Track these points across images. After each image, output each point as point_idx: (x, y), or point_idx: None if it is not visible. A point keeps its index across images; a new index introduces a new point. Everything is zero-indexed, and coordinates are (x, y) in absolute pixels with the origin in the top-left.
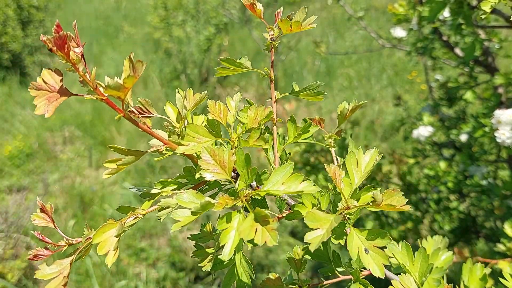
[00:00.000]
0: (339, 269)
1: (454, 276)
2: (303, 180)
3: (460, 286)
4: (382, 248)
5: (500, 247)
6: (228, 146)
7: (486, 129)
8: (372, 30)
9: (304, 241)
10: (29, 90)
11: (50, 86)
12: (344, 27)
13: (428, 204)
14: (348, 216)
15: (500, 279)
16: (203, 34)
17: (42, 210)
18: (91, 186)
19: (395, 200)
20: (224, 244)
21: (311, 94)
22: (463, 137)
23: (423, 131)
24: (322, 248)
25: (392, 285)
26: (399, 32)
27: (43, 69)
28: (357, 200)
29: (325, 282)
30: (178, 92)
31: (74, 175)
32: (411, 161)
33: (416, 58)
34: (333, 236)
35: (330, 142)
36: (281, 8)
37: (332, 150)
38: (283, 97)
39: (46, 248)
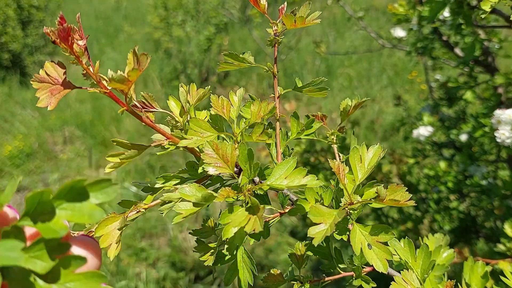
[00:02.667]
0: (341, 266)
1: (454, 276)
2: (306, 175)
3: (462, 284)
4: (385, 243)
5: (500, 247)
6: (231, 141)
7: (486, 129)
8: (372, 30)
9: (308, 235)
10: (31, 82)
11: (53, 79)
12: (344, 27)
13: (428, 204)
14: (351, 211)
15: (502, 277)
16: (203, 34)
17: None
18: None
19: (398, 195)
20: (227, 239)
21: (314, 90)
22: (463, 137)
23: (423, 131)
24: (324, 244)
25: (394, 282)
26: (399, 32)
27: (46, 61)
28: (361, 196)
29: (326, 279)
30: (182, 86)
31: (74, 175)
32: (411, 161)
33: (416, 58)
34: (336, 232)
35: (333, 139)
36: (285, 3)
37: (334, 147)
38: (284, 97)
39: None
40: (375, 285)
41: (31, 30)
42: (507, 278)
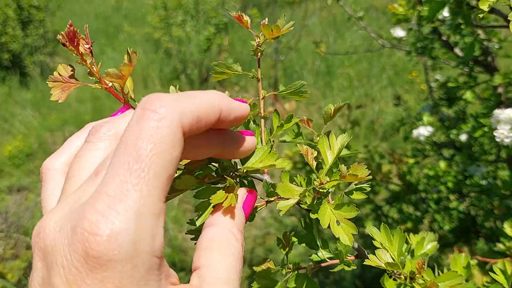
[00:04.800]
0: (327, 255)
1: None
2: (277, 159)
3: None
4: (351, 219)
5: (500, 246)
6: None
7: (486, 129)
8: (372, 30)
9: (277, 207)
10: (47, 82)
11: (64, 78)
12: (344, 27)
13: (428, 204)
14: (321, 190)
15: (491, 273)
16: (203, 34)
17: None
18: None
19: (358, 171)
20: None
21: (293, 94)
22: (463, 137)
23: (423, 131)
24: (310, 235)
25: (368, 259)
26: (399, 32)
27: (59, 64)
28: (329, 177)
29: (313, 266)
30: (172, 86)
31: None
32: (411, 161)
33: (416, 58)
34: (311, 212)
35: (318, 140)
36: (266, 19)
37: (316, 151)
38: (283, 97)
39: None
40: (355, 267)
41: (31, 30)
42: (496, 274)
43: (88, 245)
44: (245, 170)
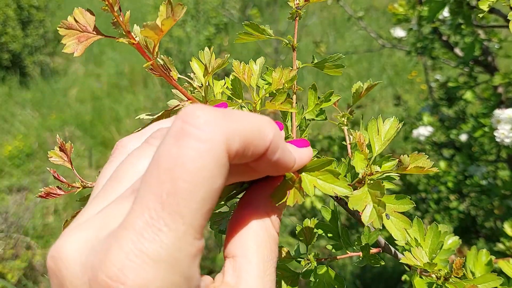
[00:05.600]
0: (348, 246)
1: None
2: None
3: (466, 271)
4: (403, 213)
5: (500, 246)
6: (249, 107)
7: (486, 129)
8: (372, 30)
9: (361, 220)
10: (58, 28)
11: (81, 26)
12: (344, 27)
13: (428, 204)
14: (370, 182)
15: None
16: (203, 34)
17: (61, 149)
18: None
19: (421, 162)
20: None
21: (331, 67)
22: (463, 137)
23: (423, 131)
24: (331, 224)
25: (404, 257)
26: (399, 32)
27: (75, 8)
28: (380, 167)
29: (334, 257)
30: (204, 50)
31: (74, 175)
32: None
33: (416, 58)
34: (349, 202)
35: (344, 121)
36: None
37: (345, 128)
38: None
39: (59, 188)
40: (383, 263)
41: (31, 30)
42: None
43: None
44: None
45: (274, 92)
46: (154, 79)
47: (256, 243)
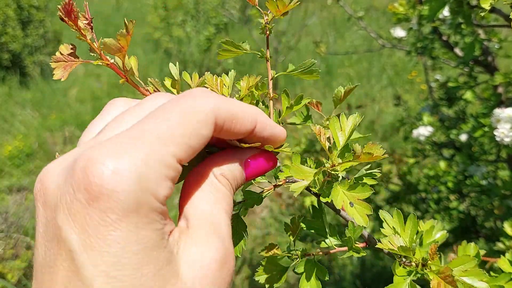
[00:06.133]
0: (335, 242)
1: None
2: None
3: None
4: (366, 200)
5: (500, 245)
6: None
7: (486, 128)
8: (372, 30)
9: (290, 189)
10: (50, 63)
11: (65, 57)
12: (344, 27)
13: (428, 204)
14: (333, 172)
15: (502, 257)
16: (203, 34)
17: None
18: None
19: (373, 150)
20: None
21: (304, 73)
22: (463, 137)
23: (423, 131)
24: (318, 220)
25: (380, 243)
26: (399, 32)
27: (61, 45)
28: (342, 159)
29: (320, 252)
30: (170, 66)
31: None
32: (411, 161)
33: (416, 58)
34: (321, 195)
35: (327, 124)
36: None
37: (329, 131)
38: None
39: None
40: (365, 254)
41: (31, 30)
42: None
43: (91, 176)
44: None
45: (241, 99)
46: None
47: (201, 191)
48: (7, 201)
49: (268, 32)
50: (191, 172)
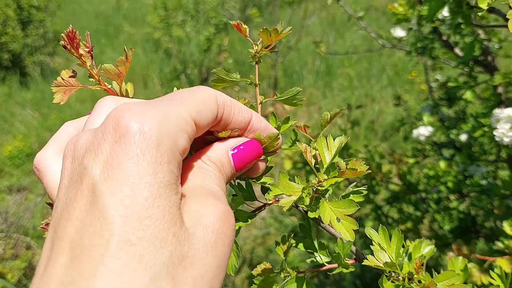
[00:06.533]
0: (325, 259)
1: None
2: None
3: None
4: (351, 215)
5: (499, 245)
6: None
7: (486, 128)
8: (372, 30)
9: (279, 204)
10: (51, 88)
11: (66, 82)
12: (344, 27)
13: (428, 204)
14: (319, 188)
15: (491, 273)
16: (203, 34)
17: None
18: None
19: (356, 166)
20: None
21: (289, 100)
22: (463, 137)
23: (423, 131)
24: (308, 238)
25: (366, 259)
26: (399, 32)
27: (63, 70)
28: (327, 176)
29: (312, 270)
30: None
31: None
32: (411, 161)
33: (416, 58)
34: (309, 210)
35: (315, 146)
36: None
37: (317, 153)
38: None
39: None
40: (353, 269)
41: (31, 30)
42: (493, 279)
43: (120, 119)
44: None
45: None
46: (153, 79)
47: (192, 174)
48: (7, 201)
49: (257, 61)
50: (187, 160)
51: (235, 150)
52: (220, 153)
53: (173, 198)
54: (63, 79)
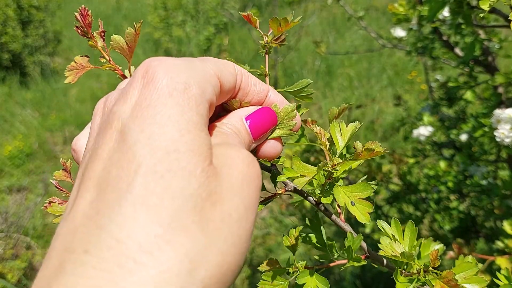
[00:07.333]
0: (334, 254)
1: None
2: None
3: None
4: (366, 199)
5: (499, 244)
6: None
7: (486, 128)
8: (372, 30)
9: (294, 183)
10: (64, 73)
11: (79, 65)
12: (344, 27)
13: (428, 204)
14: (333, 171)
15: (497, 274)
16: (203, 34)
17: (64, 169)
18: None
19: (373, 146)
20: None
21: (297, 93)
22: (463, 137)
23: (423, 131)
24: (317, 235)
25: (381, 250)
26: (399, 32)
27: (76, 56)
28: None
29: (320, 266)
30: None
31: (73, 175)
32: (411, 161)
33: (416, 58)
34: (322, 196)
35: (324, 141)
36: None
37: (325, 148)
38: (285, 97)
39: (60, 200)
40: (365, 263)
41: (31, 30)
42: (500, 280)
43: (149, 67)
44: None
45: None
46: None
47: (211, 137)
48: (7, 201)
49: (267, 53)
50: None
51: (250, 119)
52: (235, 120)
53: (202, 135)
54: (76, 63)
